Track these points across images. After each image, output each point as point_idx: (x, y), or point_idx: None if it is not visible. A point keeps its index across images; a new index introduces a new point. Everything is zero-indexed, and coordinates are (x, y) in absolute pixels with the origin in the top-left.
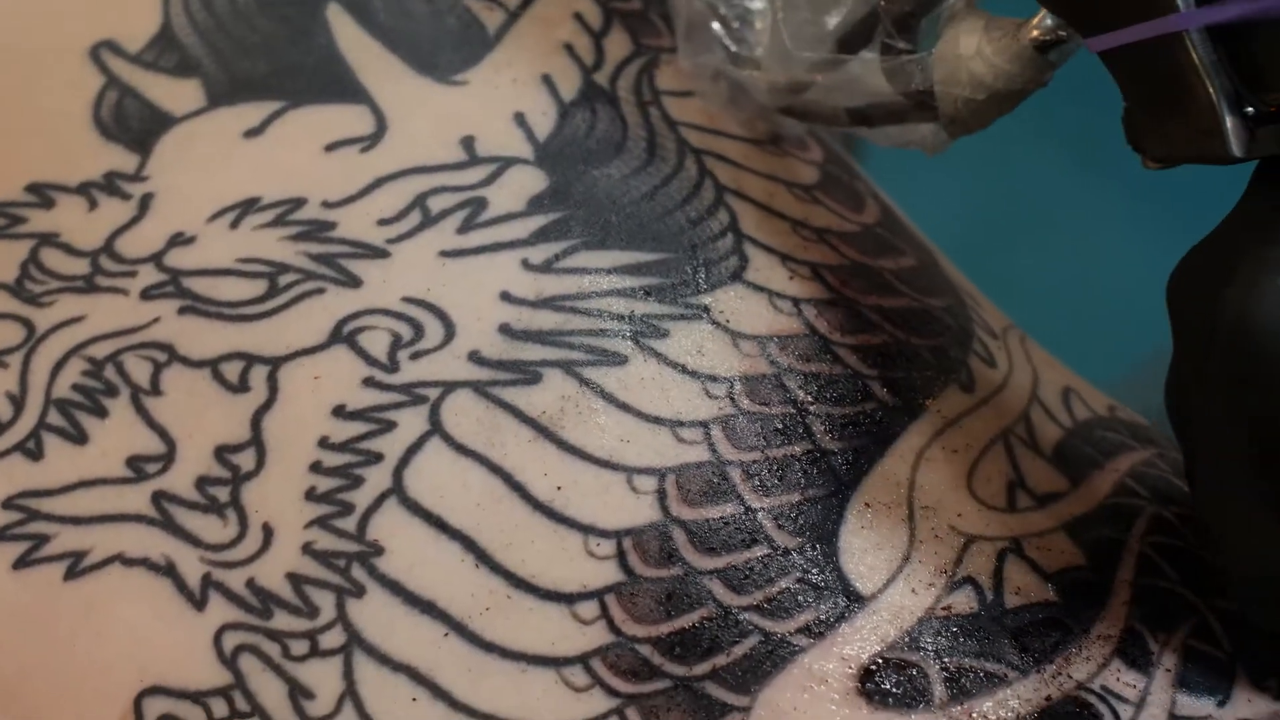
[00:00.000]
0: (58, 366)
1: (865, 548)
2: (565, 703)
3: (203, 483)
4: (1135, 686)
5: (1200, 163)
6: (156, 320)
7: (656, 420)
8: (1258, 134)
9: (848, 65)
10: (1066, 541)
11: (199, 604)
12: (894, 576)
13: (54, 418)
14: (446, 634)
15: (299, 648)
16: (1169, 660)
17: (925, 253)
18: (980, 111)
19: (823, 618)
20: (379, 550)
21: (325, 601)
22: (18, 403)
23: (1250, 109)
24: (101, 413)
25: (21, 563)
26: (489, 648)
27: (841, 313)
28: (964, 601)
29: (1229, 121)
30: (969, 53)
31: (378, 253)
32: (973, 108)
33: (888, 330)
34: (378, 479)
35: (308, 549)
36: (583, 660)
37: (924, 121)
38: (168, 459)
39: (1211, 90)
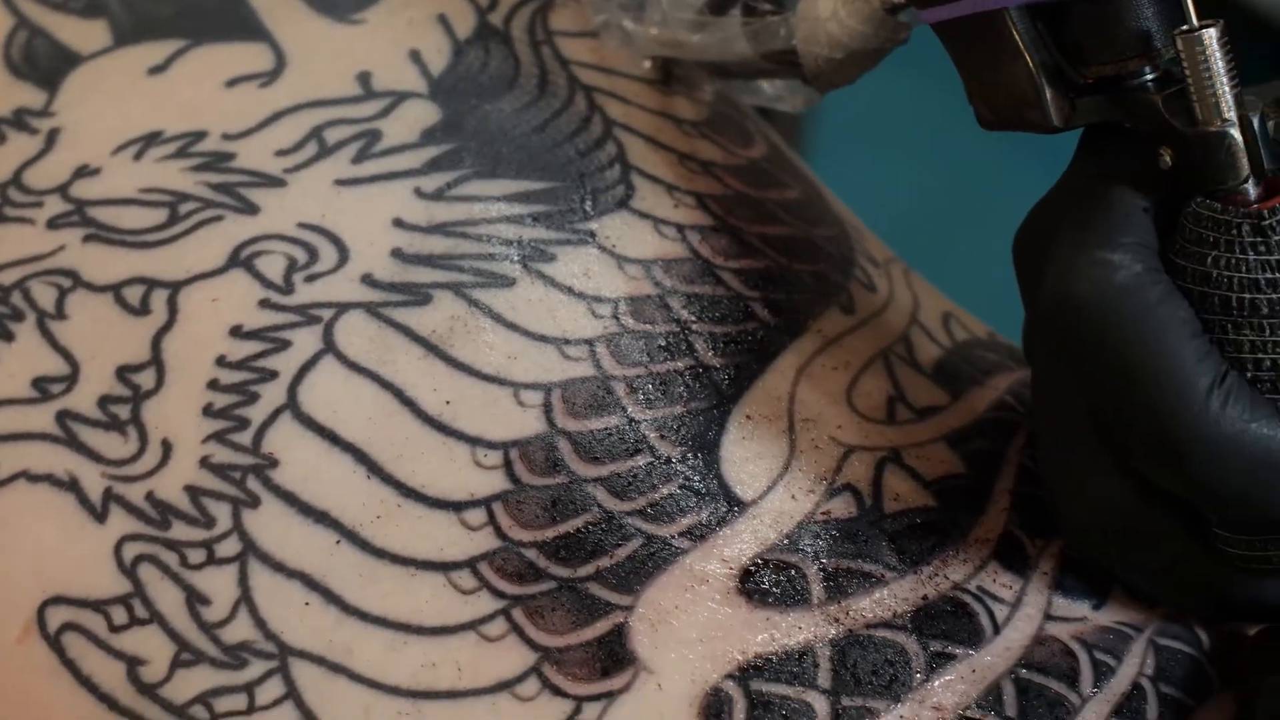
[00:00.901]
0: None
1: (746, 457)
2: (453, 605)
3: (105, 401)
4: (1011, 588)
5: (1026, 131)
6: (62, 248)
7: (543, 338)
8: (1077, 105)
9: (717, 25)
10: (946, 451)
11: (100, 517)
12: (774, 484)
13: None
14: (338, 541)
15: (196, 556)
16: (1046, 565)
17: (811, 187)
18: (842, 69)
19: (704, 522)
20: (273, 463)
21: (221, 512)
22: None
23: (1070, 82)
24: (8, 337)
25: None
26: (379, 554)
27: (725, 239)
28: (843, 507)
29: (1048, 93)
30: (826, 14)
31: (275, 182)
32: (834, 65)
33: (770, 256)
34: (273, 395)
35: (205, 463)
36: (470, 564)
37: (791, 78)
38: (71, 379)
39: (1031, 64)
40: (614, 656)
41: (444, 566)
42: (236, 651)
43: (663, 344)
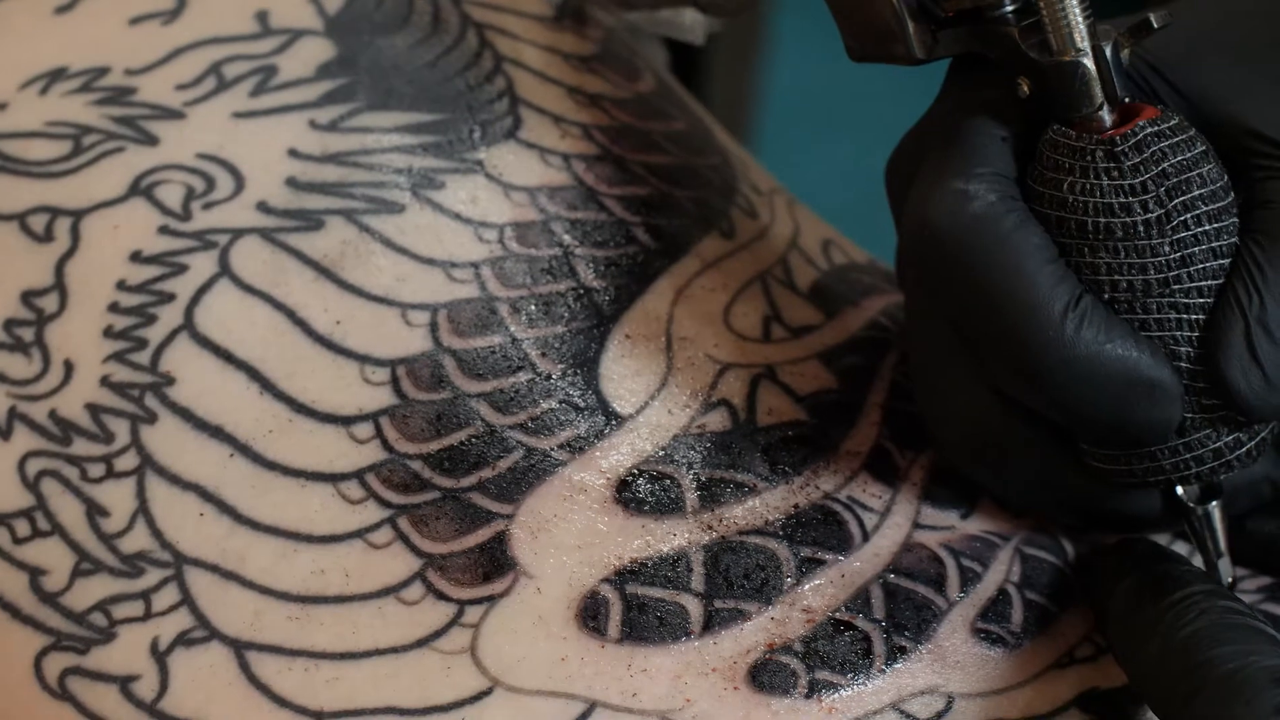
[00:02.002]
0: None
1: (625, 374)
2: (341, 514)
3: (10, 325)
4: (881, 498)
5: (891, 63)
6: None
7: (430, 261)
8: (940, 37)
9: None
10: (819, 368)
11: (4, 434)
12: (651, 399)
13: None
14: (232, 455)
15: (96, 471)
16: (915, 476)
17: (697, 120)
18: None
19: (582, 434)
20: (170, 380)
21: (120, 428)
22: None
23: (932, 15)
24: None
25: None
26: (271, 466)
27: (609, 167)
28: (718, 421)
29: (911, 26)
30: None
31: (174, 114)
32: None
33: (653, 183)
34: (170, 317)
35: (105, 381)
36: (358, 475)
37: (687, 6)
38: None
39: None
40: (495, 562)
41: (333, 478)
42: (134, 560)
43: (545, 267)
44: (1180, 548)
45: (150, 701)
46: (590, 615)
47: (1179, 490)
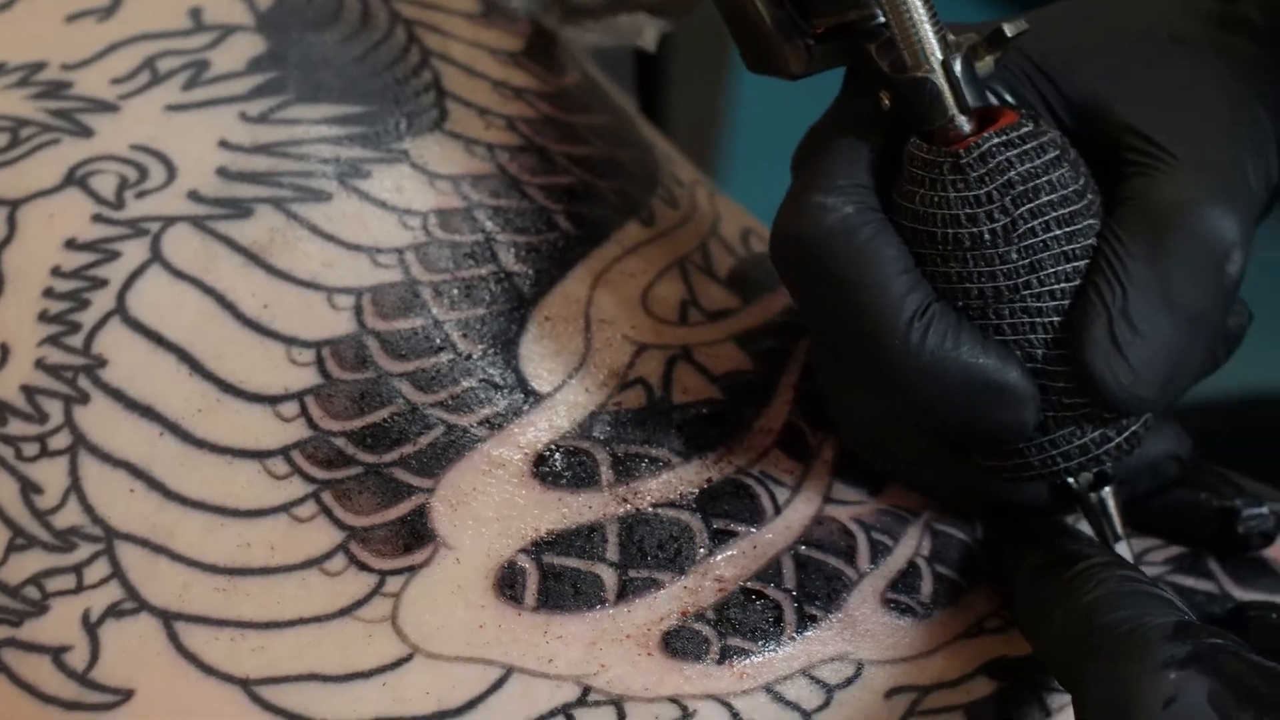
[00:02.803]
0: None
1: (544, 354)
2: (267, 489)
3: None
4: (793, 473)
5: (778, 77)
6: None
7: (356, 248)
8: (814, 54)
9: None
10: (735, 350)
11: None
12: (569, 377)
13: None
14: (162, 433)
15: (30, 450)
16: (827, 453)
17: (622, 115)
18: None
19: (501, 412)
20: (103, 362)
21: (54, 409)
22: None
23: (806, 32)
24: None
25: None
26: (200, 444)
27: (533, 158)
28: (634, 398)
29: (785, 46)
30: None
31: (109, 107)
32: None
33: (575, 173)
34: (103, 301)
35: (40, 364)
36: (283, 452)
37: (636, 12)
38: None
39: (768, 20)
40: (416, 534)
41: (259, 454)
42: (66, 535)
43: (468, 252)
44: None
45: (81, 671)
46: (507, 584)
47: (1070, 481)
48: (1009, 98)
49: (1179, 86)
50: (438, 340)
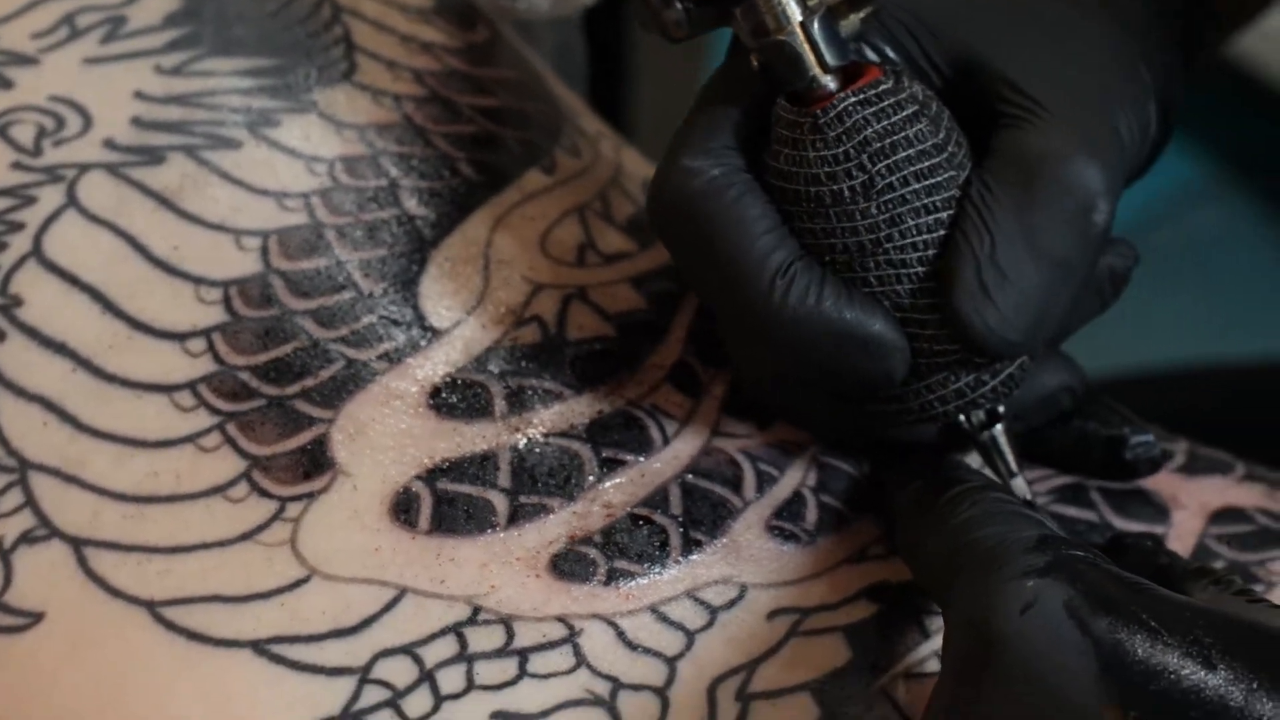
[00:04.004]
0: None
1: (443, 292)
2: (174, 421)
3: None
4: (682, 407)
5: (664, 39)
6: None
7: (264, 192)
8: (692, 17)
9: None
10: (630, 291)
11: None
12: (467, 315)
13: None
14: (75, 369)
15: None
16: (717, 389)
17: (530, 70)
18: None
19: (400, 347)
20: (19, 302)
21: None
22: None
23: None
24: None
25: None
26: (111, 379)
27: (438, 108)
28: (529, 335)
29: (663, 9)
30: None
31: (29, 60)
32: None
33: (479, 123)
34: (20, 244)
35: None
36: (190, 386)
37: None
38: None
39: None
40: (315, 462)
41: (167, 388)
42: None
43: (372, 196)
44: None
45: None
46: (402, 509)
47: (961, 420)
48: (890, 52)
49: (1058, 40)
50: (340, 279)
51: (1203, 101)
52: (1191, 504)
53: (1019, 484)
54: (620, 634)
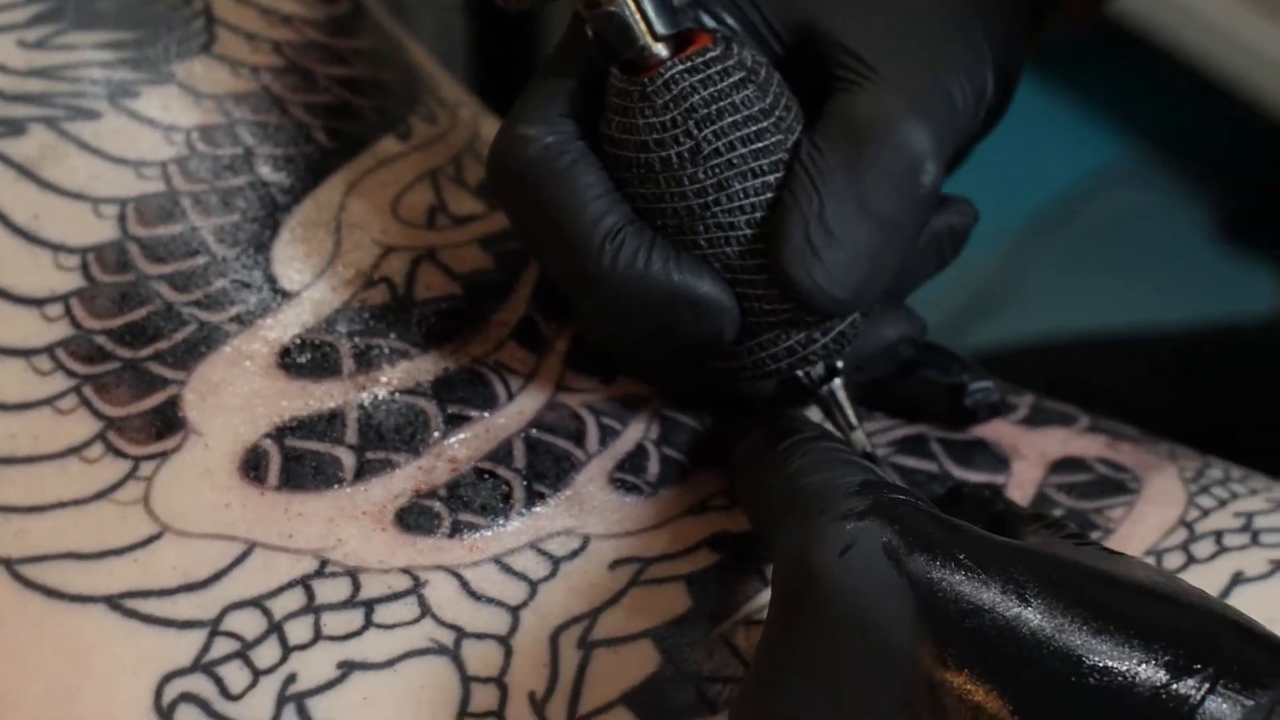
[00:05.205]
0: None
1: (294, 256)
2: (32, 384)
3: None
4: (526, 363)
5: (504, 9)
6: None
7: (122, 161)
8: None
9: None
10: (478, 251)
11: None
12: (317, 277)
13: None
14: None
15: None
16: (561, 345)
17: (390, 41)
18: None
19: (251, 309)
20: None
21: None
22: None
23: None
24: None
25: None
26: None
27: (295, 78)
28: (378, 296)
29: None
30: None
31: None
32: None
33: (335, 92)
34: None
35: None
36: (48, 350)
37: None
38: None
39: None
40: (168, 422)
41: (26, 353)
42: None
43: (227, 164)
44: None
45: None
46: (252, 466)
47: (800, 375)
48: (730, 20)
49: (896, 8)
50: (194, 244)
51: (1128, 83)
52: (1032, 454)
53: (858, 436)
54: (464, 584)
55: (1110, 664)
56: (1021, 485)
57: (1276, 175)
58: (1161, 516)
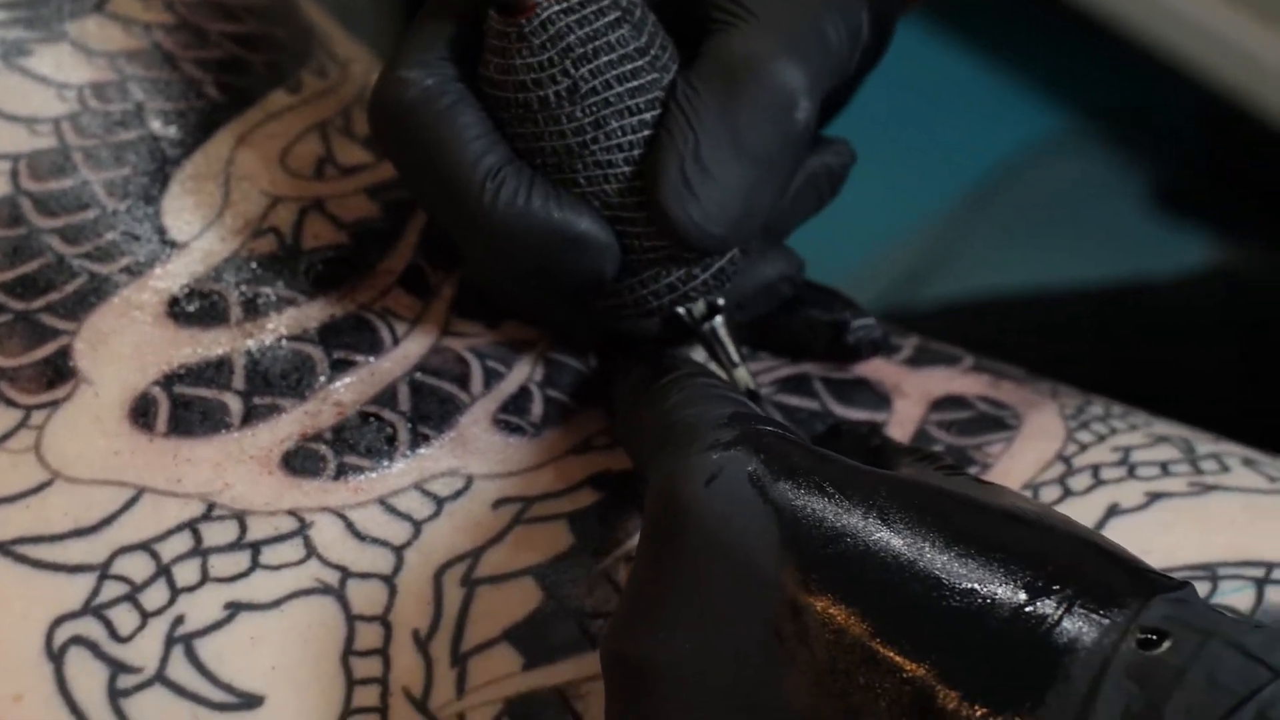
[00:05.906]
0: None
1: (184, 208)
2: None
3: None
4: (412, 309)
5: None
6: None
7: (15, 119)
8: None
9: None
10: (365, 200)
11: None
12: (206, 228)
13: None
14: None
15: None
16: (447, 291)
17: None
18: None
19: (141, 260)
20: None
21: None
22: None
23: None
24: None
25: None
26: None
27: (187, 34)
28: (266, 245)
29: None
30: None
31: None
32: None
33: (227, 47)
34: None
35: None
36: None
37: None
38: None
39: None
40: (59, 372)
41: None
42: None
43: (119, 119)
44: None
45: None
46: (141, 413)
47: (680, 312)
48: None
49: None
50: (85, 198)
51: (1065, 55)
52: (914, 393)
53: (741, 374)
54: (349, 525)
55: (971, 585)
56: (902, 423)
57: (1211, 145)
58: (1039, 451)
